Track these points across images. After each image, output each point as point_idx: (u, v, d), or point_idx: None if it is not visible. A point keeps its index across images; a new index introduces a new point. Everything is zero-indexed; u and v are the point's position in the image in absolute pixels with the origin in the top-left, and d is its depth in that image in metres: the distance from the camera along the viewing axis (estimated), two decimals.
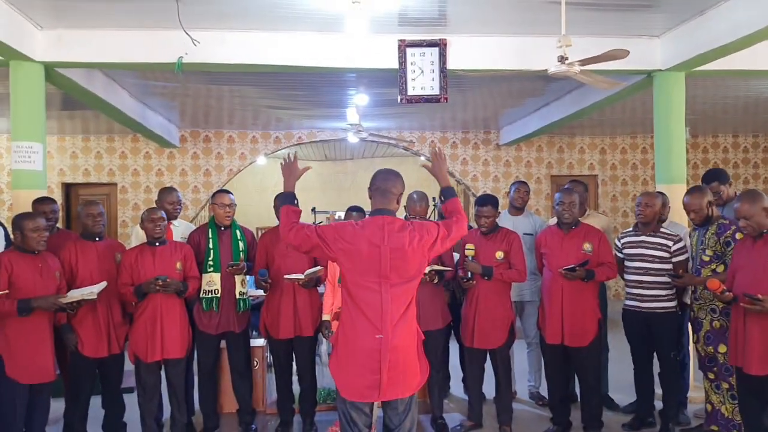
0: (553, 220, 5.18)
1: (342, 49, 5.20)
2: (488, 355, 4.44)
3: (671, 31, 5.23)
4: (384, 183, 2.92)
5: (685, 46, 5.10)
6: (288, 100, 7.74)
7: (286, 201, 2.95)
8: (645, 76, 5.62)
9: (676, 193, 5.11)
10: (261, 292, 4.65)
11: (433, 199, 8.33)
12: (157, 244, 4.14)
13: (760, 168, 10.95)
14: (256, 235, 4.96)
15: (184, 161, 9.98)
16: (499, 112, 9.02)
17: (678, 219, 4.94)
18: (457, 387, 5.41)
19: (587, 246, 4.22)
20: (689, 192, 4.26)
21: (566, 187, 4.51)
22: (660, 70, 5.43)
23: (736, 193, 4.37)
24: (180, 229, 4.83)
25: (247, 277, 4.52)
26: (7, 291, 3.49)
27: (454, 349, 4.97)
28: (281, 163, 3.12)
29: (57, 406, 4.19)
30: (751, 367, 3.45)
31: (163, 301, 4.06)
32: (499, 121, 9.72)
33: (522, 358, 5.35)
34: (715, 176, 4.66)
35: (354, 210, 4.67)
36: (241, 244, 4.48)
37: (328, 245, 2.81)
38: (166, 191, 4.81)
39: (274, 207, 4.28)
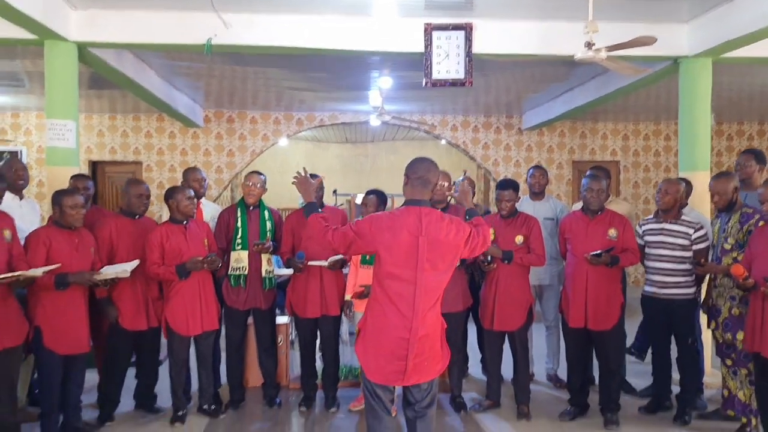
0: (577, 206, 5.21)
1: (369, 32, 5.25)
2: (507, 337, 4.52)
3: (699, 17, 5.20)
4: (427, 173, 2.92)
5: (712, 32, 5.07)
6: (311, 82, 7.80)
7: (311, 210, 3.07)
8: (671, 62, 5.59)
9: (700, 181, 5.13)
10: (287, 271, 4.76)
11: (454, 183, 8.39)
12: (185, 222, 4.25)
13: None
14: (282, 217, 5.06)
15: (208, 141, 10.11)
16: (522, 97, 9.00)
17: (698, 206, 4.96)
18: (475, 368, 5.50)
19: (612, 232, 4.24)
20: (716, 176, 4.29)
21: (594, 173, 4.52)
22: (686, 56, 5.40)
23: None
24: (208, 209, 4.96)
25: (273, 256, 4.64)
26: (59, 265, 3.62)
27: (472, 330, 5.05)
28: (294, 180, 3.32)
29: (91, 376, 4.36)
30: None
31: (202, 277, 4.22)
32: (522, 105, 9.68)
33: (540, 341, 5.42)
34: (752, 152, 4.69)
35: (372, 193, 4.73)
36: (268, 224, 4.59)
37: (366, 240, 2.86)
38: (190, 170, 4.94)
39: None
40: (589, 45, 3.98)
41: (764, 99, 8.80)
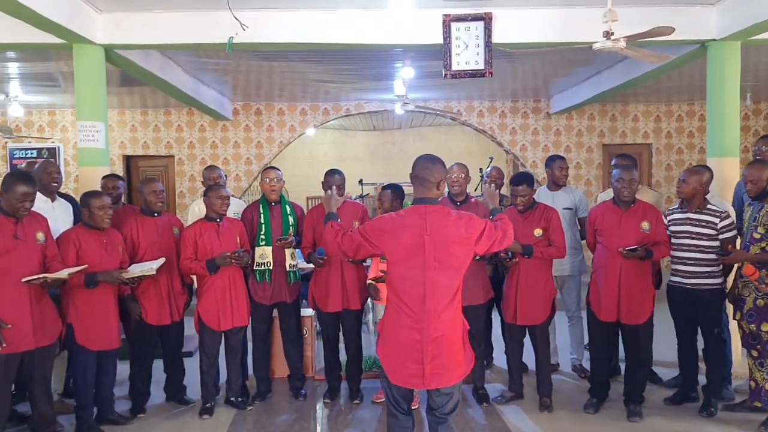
0: (604, 195, 5.13)
1: (386, 25, 5.25)
2: (527, 330, 4.52)
3: None
4: (422, 171, 2.87)
5: (741, 14, 4.91)
6: (336, 74, 7.84)
7: (329, 219, 3.14)
8: (698, 45, 5.44)
9: (728, 167, 5.02)
10: (310, 265, 4.85)
11: (480, 170, 8.35)
12: (218, 220, 4.37)
13: None
14: (307, 205, 5.15)
15: (237, 134, 10.26)
16: (549, 81, 8.87)
17: (723, 194, 4.86)
18: (500, 359, 5.52)
19: (645, 225, 4.15)
20: (751, 163, 4.20)
21: (625, 163, 4.44)
22: (714, 39, 5.25)
23: None
24: (231, 206, 5.04)
25: (297, 250, 4.73)
26: (86, 266, 3.77)
27: (497, 321, 5.07)
28: (323, 199, 3.49)
29: (123, 368, 4.55)
30: None
31: (232, 273, 4.33)
32: (549, 89, 9.55)
33: (564, 332, 5.41)
34: None
35: (387, 188, 4.72)
36: (290, 219, 4.66)
37: (372, 242, 2.85)
38: (208, 169, 5.08)
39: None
40: (607, 34, 3.91)
41: None
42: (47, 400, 3.80)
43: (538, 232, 4.34)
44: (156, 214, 4.44)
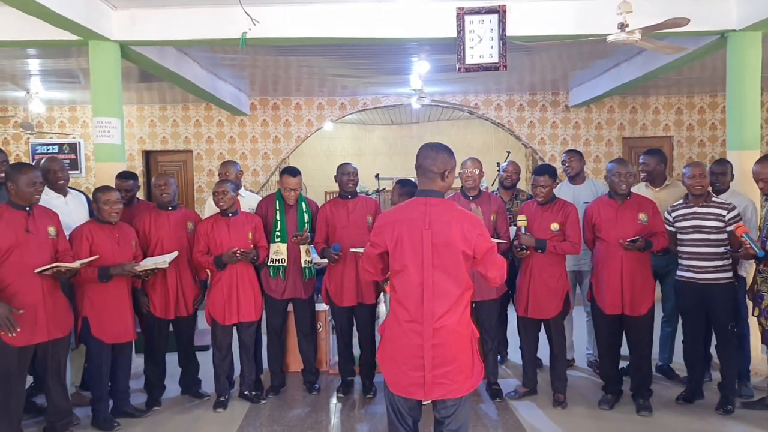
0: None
1: (400, 18, 5.22)
2: (543, 324, 4.49)
3: None
4: (424, 161, 2.65)
5: (762, 4, 4.78)
6: (352, 68, 7.83)
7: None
8: (718, 36, 5.32)
9: (749, 160, 4.88)
10: (325, 260, 4.85)
11: (497, 164, 8.27)
12: (230, 214, 4.39)
13: None
14: (325, 200, 5.16)
15: (254, 128, 10.31)
16: (567, 74, 8.75)
17: (745, 187, 4.76)
18: (515, 354, 5.48)
19: (643, 216, 4.17)
20: (759, 160, 4.11)
21: (619, 158, 4.42)
22: (734, 30, 5.13)
23: None
24: (246, 200, 5.07)
25: (311, 246, 4.74)
26: (97, 256, 3.83)
27: (513, 315, 5.03)
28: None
29: (141, 362, 4.61)
30: None
31: (239, 269, 4.36)
32: (568, 82, 9.42)
33: (581, 327, 5.35)
34: None
35: (399, 183, 4.69)
36: (306, 216, 4.68)
37: (378, 244, 2.67)
38: (222, 165, 5.12)
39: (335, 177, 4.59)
40: (622, 26, 3.84)
41: None
42: (62, 392, 3.87)
43: (555, 226, 4.31)
44: (171, 209, 4.48)
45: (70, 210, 4.30)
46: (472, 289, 2.65)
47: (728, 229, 4.09)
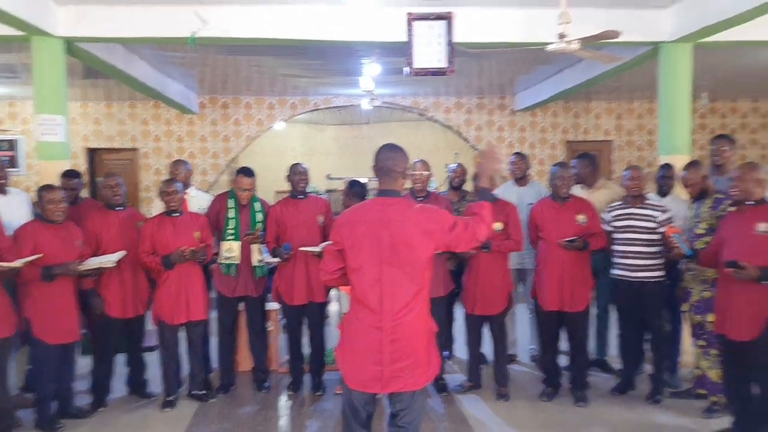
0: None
1: (350, 21, 5.31)
2: (487, 321, 4.66)
3: (679, 2, 5.22)
4: (386, 161, 2.72)
5: (692, 18, 5.09)
6: (303, 69, 7.87)
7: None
8: (652, 47, 5.62)
9: (679, 164, 5.17)
10: (276, 259, 4.90)
11: (446, 166, 8.46)
12: (175, 214, 4.38)
13: None
14: (274, 199, 5.18)
15: (204, 127, 10.21)
16: (513, 79, 9.03)
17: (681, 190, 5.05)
18: (461, 350, 5.65)
19: (581, 218, 4.40)
20: (687, 166, 4.40)
21: (561, 162, 4.66)
22: (666, 41, 5.43)
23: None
24: (197, 200, 5.06)
25: (263, 245, 4.76)
26: (39, 255, 3.75)
27: (460, 312, 5.18)
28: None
29: (85, 363, 4.55)
30: (734, 333, 3.65)
31: (187, 268, 4.35)
32: (514, 86, 9.71)
33: (524, 323, 5.56)
34: (725, 137, 4.75)
35: (353, 185, 4.78)
36: (259, 215, 4.71)
37: (337, 242, 2.73)
38: (173, 164, 5.10)
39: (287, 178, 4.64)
40: (561, 36, 4.04)
41: (757, 77, 8.79)
42: (4, 394, 3.79)
43: (498, 225, 4.47)
44: (119, 208, 4.44)
45: (12, 209, 4.20)
46: (429, 286, 2.73)
47: (661, 230, 4.35)
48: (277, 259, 4.68)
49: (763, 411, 3.71)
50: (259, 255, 4.68)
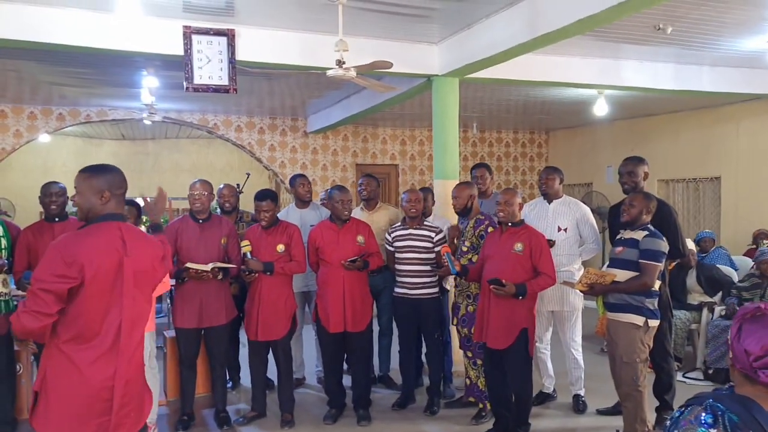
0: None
1: (121, 30, 4.89)
2: (270, 345, 4.54)
3: (446, 39, 5.69)
4: (112, 183, 2.49)
5: (456, 55, 5.57)
6: (72, 77, 7.10)
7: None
8: (425, 79, 6.04)
9: (449, 188, 5.61)
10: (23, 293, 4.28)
11: (237, 185, 8.21)
12: None
13: (534, 161, 12.36)
14: (39, 218, 4.59)
15: None
16: (305, 102, 9.11)
17: (443, 212, 5.49)
18: (247, 379, 5.45)
19: (360, 239, 4.52)
20: (457, 186, 4.75)
21: (340, 185, 4.78)
22: (437, 75, 5.88)
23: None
24: None
25: (9, 276, 4.18)
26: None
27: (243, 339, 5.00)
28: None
29: None
30: (492, 342, 4.03)
31: None
32: (306, 109, 9.82)
33: (310, 345, 5.54)
34: (484, 165, 5.46)
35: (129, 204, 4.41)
36: (3, 242, 4.10)
37: (70, 278, 2.25)
38: None
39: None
40: (339, 63, 4.13)
41: (517, 111, 9.97)
42: None
43: (280, 247, 4.41)
44: None
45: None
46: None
47: (436, 249, 4.63)
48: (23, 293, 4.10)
49: (519, 411, 4.12)
50: (4, 287, 4.06)
